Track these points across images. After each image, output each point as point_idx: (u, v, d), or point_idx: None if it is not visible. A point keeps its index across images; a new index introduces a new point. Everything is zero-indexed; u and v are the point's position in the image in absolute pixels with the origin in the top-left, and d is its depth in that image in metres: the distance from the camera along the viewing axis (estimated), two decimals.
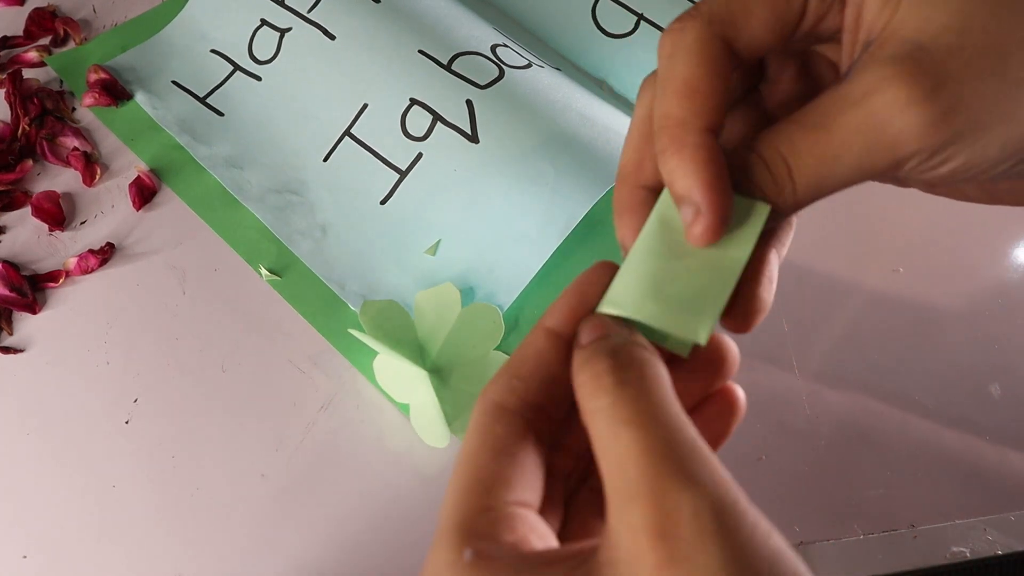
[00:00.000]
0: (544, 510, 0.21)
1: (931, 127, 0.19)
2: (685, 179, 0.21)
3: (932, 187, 0.23)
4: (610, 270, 0.23)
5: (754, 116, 0.25)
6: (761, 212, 0.22)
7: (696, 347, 0.23)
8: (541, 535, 0.20)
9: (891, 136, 0.20)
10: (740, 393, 0.24)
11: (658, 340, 0.22)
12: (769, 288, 0.23)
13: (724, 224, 0.21)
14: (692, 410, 0.23)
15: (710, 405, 0.24)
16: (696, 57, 0.21)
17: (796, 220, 0.25)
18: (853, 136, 0.20)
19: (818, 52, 0.25)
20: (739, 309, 0.23)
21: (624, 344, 0.21)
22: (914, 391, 0.41)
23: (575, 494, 0.23)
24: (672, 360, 0.22)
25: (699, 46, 0.21)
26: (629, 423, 0.19)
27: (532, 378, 0.22)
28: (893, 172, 0.21)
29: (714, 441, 0.23)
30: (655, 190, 0.23)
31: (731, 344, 0.23)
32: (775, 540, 0.17)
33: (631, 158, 0.24)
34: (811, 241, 0.45)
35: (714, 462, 0.18)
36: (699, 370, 0.23)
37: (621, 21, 0.52)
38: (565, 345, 0.22)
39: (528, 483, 0.20)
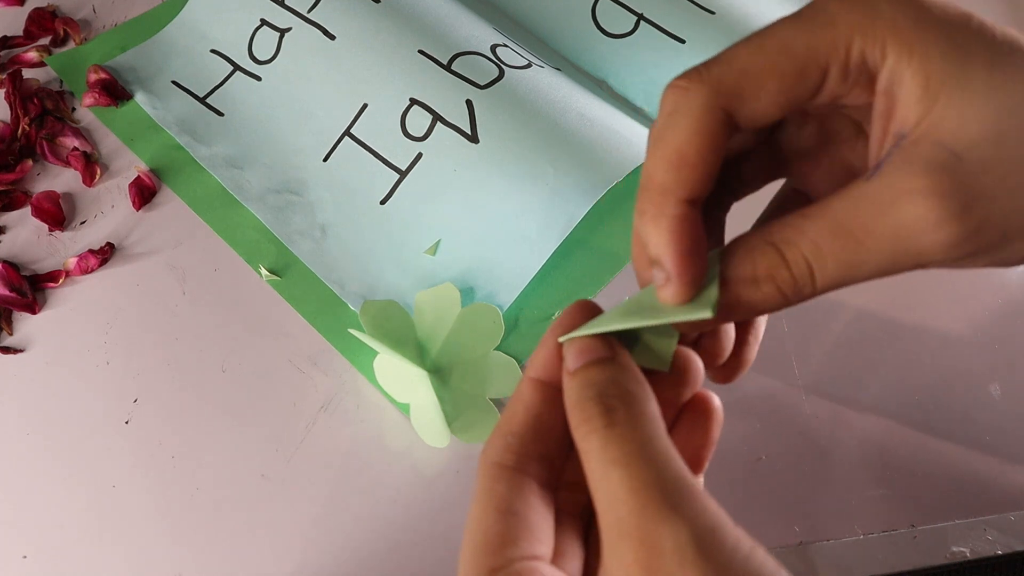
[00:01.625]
0: (561, 552, 0.22)
1: (958, 244, 0.19)
2: (658, 247, 0.21)
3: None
4: (588, 309, 0.23)
5: (768, 157, 0.25)
6: None
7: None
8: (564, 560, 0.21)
9: (918, 248, 0.20)
10: (716, 401, 0.24)
11: (639, 357, 0.23)
12: (755, 347, 0.25)
13: (692, 289, 0.21)
14: (672, 423, 0.24)
15: (687, 416, 0.24)
16: (694, 125, 0.21)
17: None
18: (880, 244, 0.20)
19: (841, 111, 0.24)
20: (727, 366, 0.24)
21: (612, 381, 0.21)
22: (914, 391, 0.41)
23: (592, 527, 0.24)
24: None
25: (699, 114, 0.21)
26: (616, 463, 0.19)
27: (526, 431, 0.22)
28: (913, 270, 0.21)
29: (701, 451, 0.24)
30: (697, 202, 0.22)
31: (693, 355, 0.24)
32: (757, 556, 0.18)
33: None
34: None
35: (696, 491, 0.19)
36: (668, 383, 0.24)
37: (621, 21, 0.52)
38: (553, 391, 0.23)
39: (536, 536, 0.21)
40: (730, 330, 0.25)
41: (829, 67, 0.21)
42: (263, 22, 0.50)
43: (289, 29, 0.49)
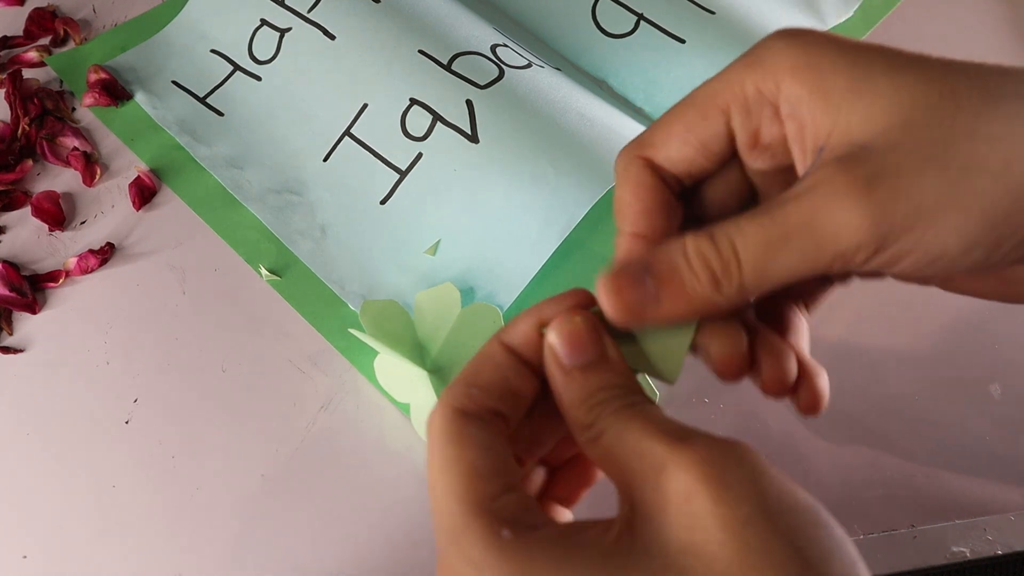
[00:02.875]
0: None
1: (869, 219, 0.20)
2: (617, 250, 0.26)
3: (919, 278, 0.24)
4: (582, 296, 0.24)
5: (744, 190, 0.27)
6: None
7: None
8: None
9: (832, 228, 0.20)
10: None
11: (636, 362, 0.24)
12: (820, 375, 0.25)
13: (628, 315, 0.23)
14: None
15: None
16: (622, 176, 0.25)
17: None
18: (796, 228, 0.21)
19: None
20: (805, 394, 0.25)
21: (623, 390, 0.22)
22: (914, 391, 0.41)
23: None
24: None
25: (624, 166, 0.25)
26: (633, 419, 0.21)
27: (491, 387, 0.23)
28: (843, 264, 0.21)
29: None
30: (645, 237, 0.26)
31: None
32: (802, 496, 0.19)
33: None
34: None
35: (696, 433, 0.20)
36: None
37: (621, 21, 0.52)
38: (522, 362, 0.23)
39: (514, 470, 0.22)
40: (786, 353, 0.25)
41: (728, 107, 0.24)
42: (263, 22, 0.50)
43: (289, 29, 0.49)
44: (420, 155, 0.45)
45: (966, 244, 0.20)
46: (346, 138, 0.47)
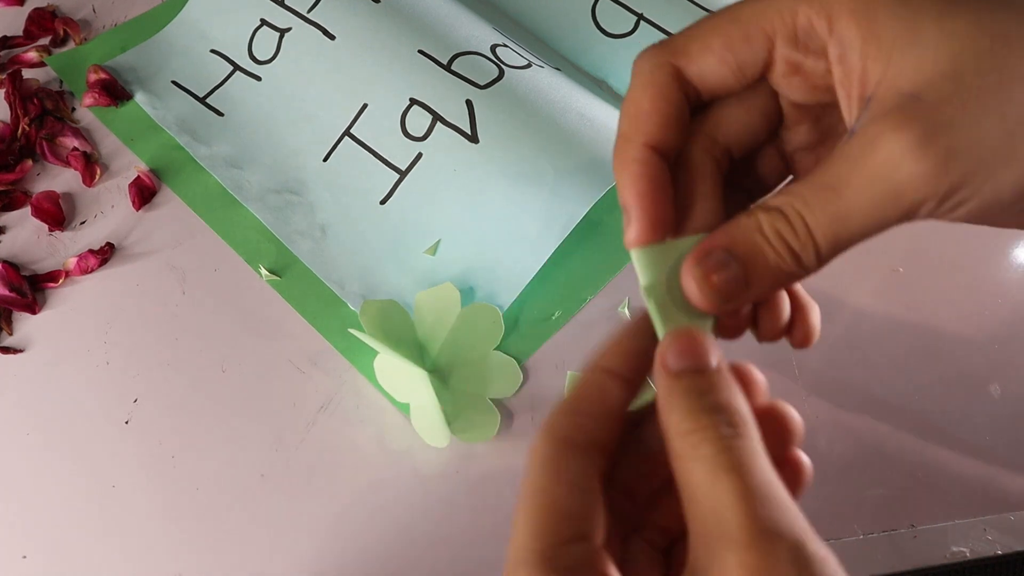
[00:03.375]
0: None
1: (932, 174, 0.20)
2: (621, 190, 0.23)
3: (971, 221, 0.23)
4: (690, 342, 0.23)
5: (776, 157, 0.26)
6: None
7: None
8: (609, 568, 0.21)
9: (895, 187, 0.20)
10: (794, 417, 0.25)
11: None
12: (812, 310, 0.25)
13: (652, 231, 0.23)
14: None
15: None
16: (645, 79, 0.23)
17: None
18: (861, 192, 0.20)
19: (830, 105, 0.25)
20: (796, 331, 0.25)
21: (725, 398, 0.21)
22: (914, 391, 0.41)
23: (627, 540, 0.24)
24: None
25: (649, 69, 0.23)
26: (731, 471, 0.20)
27: (599, 416, 0.22)
28: (909, 219, 0.21)
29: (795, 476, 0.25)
30: (657, 148, 0.24)
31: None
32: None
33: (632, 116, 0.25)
34: None
35: (801, 515, 0.20)
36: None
37: (621, 21, 0.52)
38: (627, 385, 0.23)
39: (595, 520, 0.21)
40: (782, 299, 0.25)
41: (775, 34, 0.22)
42: (263, 22, 0.50)
43: (289, 29, 0.49)
44: (420, 155, 0.45)
45: (1020, 193, 0.20)
46: (346, 138, 0.47)
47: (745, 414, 0.21)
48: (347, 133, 0.47)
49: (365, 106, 0.47)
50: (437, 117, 0.45)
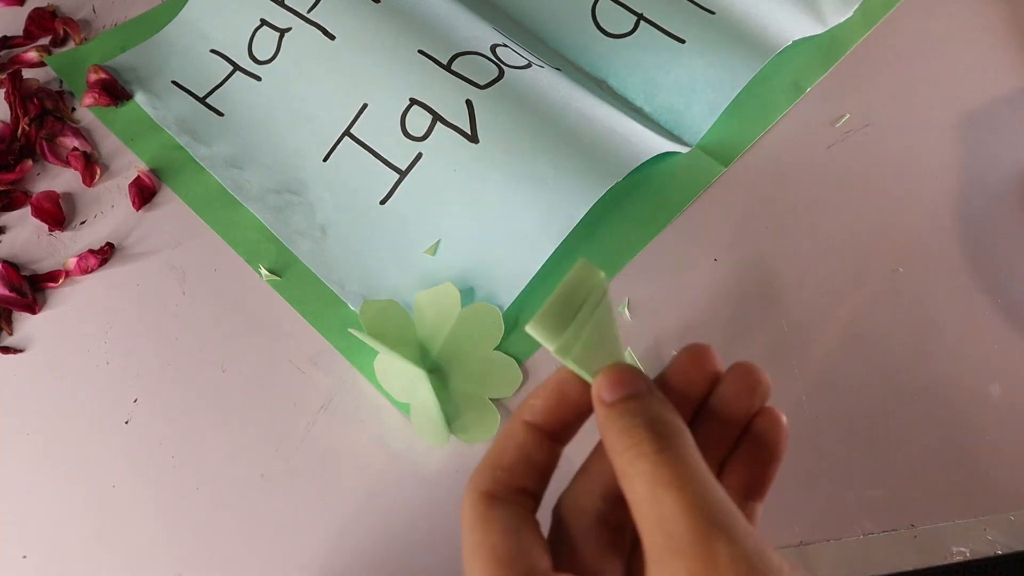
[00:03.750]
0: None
1: None
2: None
3: None
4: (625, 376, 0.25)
5: None
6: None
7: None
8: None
9: None
10: (781, 418, 0.26)
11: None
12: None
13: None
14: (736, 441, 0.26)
15: (749, 437, 0.26)
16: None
17: (795, 221, 0.27)
18: None
19: None
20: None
21: (658, 413, 0.23)
22: (914, 391, 0.41)
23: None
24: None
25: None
26: (670, 485, 0.21)
27: (516, 467, 0.24)
28: None
29: (762, 476, 0.26)
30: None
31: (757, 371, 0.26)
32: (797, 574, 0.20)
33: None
34: (811, 241, 0.45)
35: (741, 516, 0.21)
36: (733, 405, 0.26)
37: (621, 21, 0.52)
38: (543, 436, 0.25)
39: (537, 553, 0.23)
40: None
41: None
42: (263, 22, 0.50)
43: (289, 29, 0.49)
44: (420, 155, 0.45)
45: None
46: (346, 138, 0.47)
47: (678, 426, 0.23)
48: (347, 133, 0.47)
49: (365, 106, 0.47)
50: (437, 117, 0.45)
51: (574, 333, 0.25)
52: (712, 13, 0.51)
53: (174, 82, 0.51)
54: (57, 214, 0.46)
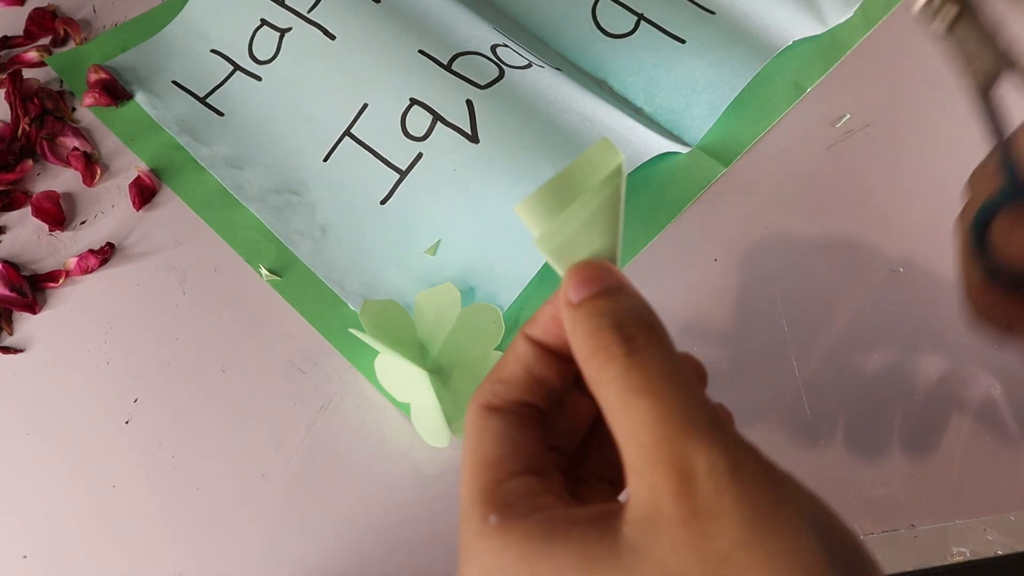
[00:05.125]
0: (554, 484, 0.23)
1: None
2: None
3: None
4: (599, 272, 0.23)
5: None
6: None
7: None
8: (558, 494, 0.21)
9: None
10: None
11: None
12: None
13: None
14: None
15: None
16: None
17: (795, 221, 0.26)
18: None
19: None
20: None
21: (629, 309, 0.21)
22: (914, 391, 0.41)
23: (581, 467, 0.25)
24: None
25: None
26: (641, 391, 0.19)
27: (515, 380, 0.23)
28: None
29: None
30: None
31: None
32: (790, 482, 0.18)
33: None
34: (811, 241, 0.45)
35: (723, 419, 0.19)
36: None
37: (621, 21, 0.52)
38: (547, 352, 0.23)
39: (533, 456, 0.22)
40: None
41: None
42: (263, 22, 0.50)
43: (289, 29, 0.49)
44: (420, 155, 0.45)
45: None
46: (346, 138, 0.47)
47: (652, 323, 0.21)
48: (347, 133, 0.47)
49: (365, 106, 0.47)
50: (437, 117, 0.45)
51: (563, 222, 0.21)
52: (712, 13, 0.51)
53: (174, 82, 0.51)
54: (57, 214, 0.46)
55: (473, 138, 0.44)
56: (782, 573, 0.17)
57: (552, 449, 0.24)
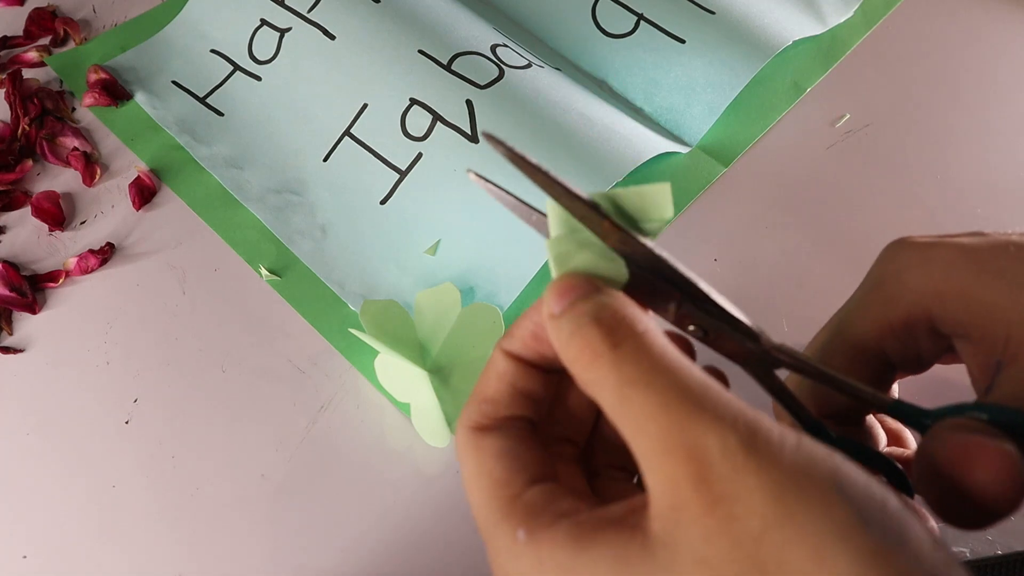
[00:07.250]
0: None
1: None
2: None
3: None
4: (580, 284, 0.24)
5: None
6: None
7: None
8: (579, 492, 0.21)
9: None
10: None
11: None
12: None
13: None
14: None
15: None
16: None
17: (795, 221, 0.27)
18: None
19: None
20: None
21: (605, 305, 0.21)
22: (914, 391, 0.41)
23: (589, 461, 0.25)
24: None
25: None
26: (636, 382, 0.19)
27: (499, 399, 0.23)
28: None
29: None
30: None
31: None
32: (806, 446, 0.18)
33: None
34: (812, 242, 0.45)
35: (727, 394, 0.18)
36: None
37: (621, 21, 0.52)
38: (526, 365, 0.23)
39: (539, 464, 0.22)
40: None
41: (880, 343, 0.28)
42: (263, 22, 0.50)
43: (289, 29, 0.49)
44: (420, 155, 0.45)
45: None
46: (346, 138, 0.47)
47: (633, 314, 0.20)
48: (347, 133, 0.47)
49: (365, 106, 0.47)
50: (437, 117, 0.45)
51: (583, 239, 0.21)
52: (712, 13, 0.51)
53: (174, 82, 0.51)
54: (57, 214, 0.46)
55: (473, 138, 0.44)
56: (819, 546, 0.16)
57: (564, 441, 0.24)
